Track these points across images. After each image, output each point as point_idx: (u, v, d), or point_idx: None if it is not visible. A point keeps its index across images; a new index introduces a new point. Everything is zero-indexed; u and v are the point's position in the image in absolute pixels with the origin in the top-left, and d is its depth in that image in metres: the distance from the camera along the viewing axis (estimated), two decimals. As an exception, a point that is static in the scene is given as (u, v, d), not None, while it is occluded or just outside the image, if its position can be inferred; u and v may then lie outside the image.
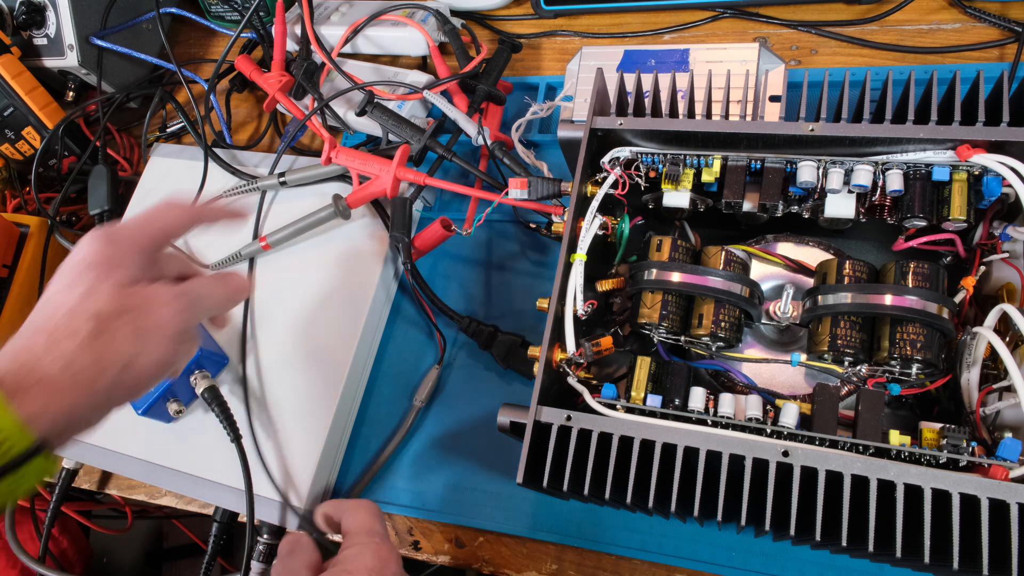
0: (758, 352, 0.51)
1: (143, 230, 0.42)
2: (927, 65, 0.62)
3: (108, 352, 0.37)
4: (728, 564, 0.50)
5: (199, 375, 0.59)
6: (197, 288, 0.42)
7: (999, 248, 0.45)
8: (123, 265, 0.39)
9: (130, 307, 0.38)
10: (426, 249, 0.63)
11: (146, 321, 0.38)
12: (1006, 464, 0.37)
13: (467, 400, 0.61)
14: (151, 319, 0.39)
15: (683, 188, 0.50)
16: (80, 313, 0.37)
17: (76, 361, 0.36)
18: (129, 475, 0.61)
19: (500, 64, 0.69)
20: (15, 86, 0.75)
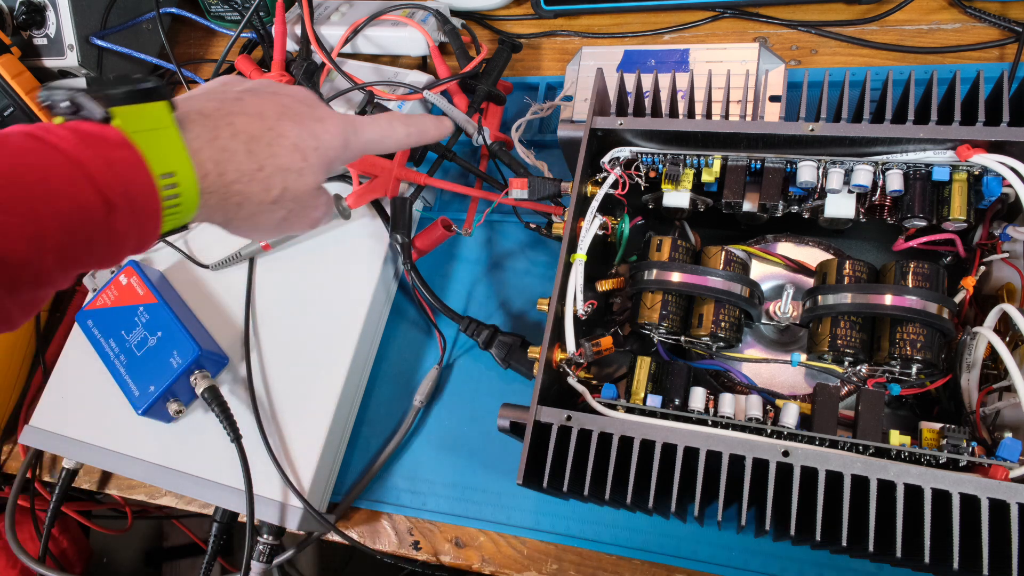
0: (758, 352, 0.51)
1: (371, 149, 0.47)
2: (927, 65, 0.62)
3: (262, 216, 0.41)
4: (728, 564, 0.50)
5: (199, 375, 0.59)
6: (329, 208, 0.48)
7: (999, 248, 0.45)
8: (332, 169, 0.44)
9: (301, 203, 0.43)
10: (426, 249, 0.63)
11: (295, 218, 0.44)
12: (1006, 464, 0.37)
13: (467, 400, 0.61)
14: (297, 219, 0.44)
15: (683, 188, 0.50)
16: (284, 179, 0.40)
17: (245, 207, 0.40)
18: (129, 475, 0.61)
19: (500, 64, 0.69)
20: (15, 86, 0.75)
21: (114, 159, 0.33)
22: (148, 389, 0.59)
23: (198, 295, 0.67)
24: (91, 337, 0.64)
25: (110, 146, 0.33)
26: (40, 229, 0.31)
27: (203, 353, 0.59)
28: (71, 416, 0.65)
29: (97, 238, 0.33)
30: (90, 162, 0.33)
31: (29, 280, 0.32)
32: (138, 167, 0.34)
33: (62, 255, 0.32)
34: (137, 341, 0.61)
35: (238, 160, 0.38)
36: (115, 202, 0.33)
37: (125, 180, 0.33)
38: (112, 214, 0.33)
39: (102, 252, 0.35)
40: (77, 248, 0.33)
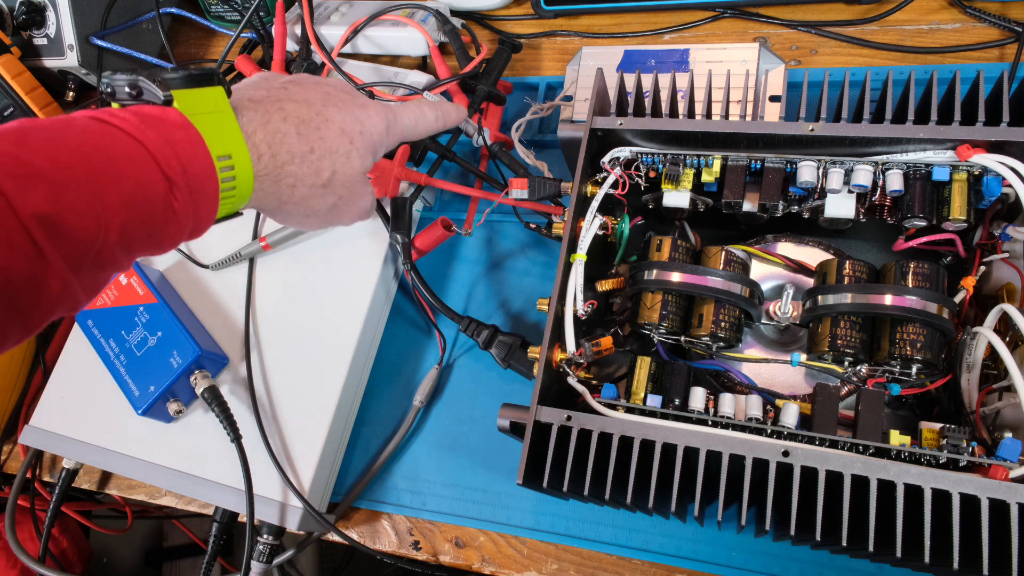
0: (758, 352, 0.51)
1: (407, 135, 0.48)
2: (927, 65, 0.62)
3: (313, 201, 0.43)
4: (728, 564, 0.50)
5: (199, 375, 0.59)
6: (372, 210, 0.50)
7: (999, 248, 0.45)
8: (377, 152, 0.46)
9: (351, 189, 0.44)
10: (426, 249, 0.63)
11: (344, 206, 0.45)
12: (1006, 464, 0.37)
13: (467, 400, 0.61)
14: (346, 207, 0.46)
15: (683, 188, 0.50)
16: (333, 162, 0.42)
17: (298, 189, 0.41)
18: (129, 475, 0.61)
19: (500, 64, 0.69)
20: (15, 86, 0.75)
21: (175, 139, 0.34)
22: (148, 389, 0.59)
23: (198, 295, 0.67)
24: (91, 337, 0.64)
25: (171, 127, 0.35)
26: (105, 205, 0.32)
27: (203, 353, 0.59)
28: (71, 416, 0.65)
29: (156, 217, 0.34)
30: (152, 141, 0.34)
31: (93, 258, 0.33)
32: (198, 147, 0.35)
33: (124, 233, 0.33)
34: (137, 341, 0.61)
35: (290, 142, 0.40)
36: (175, 180, 0.34)
37: (185, 160, 0.35)
38: (172, 192, 0.34)
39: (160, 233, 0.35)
40: (138, 227, 0.34)
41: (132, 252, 0.35)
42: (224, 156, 0.36)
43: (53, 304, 0.33)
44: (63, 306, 0.34)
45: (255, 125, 0.39)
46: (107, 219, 0.32)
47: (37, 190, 0.30)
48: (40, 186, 0.30)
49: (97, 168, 0.32)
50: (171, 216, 0.35)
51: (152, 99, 0.36)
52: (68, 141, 0.32)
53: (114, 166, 0.33)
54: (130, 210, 0.33)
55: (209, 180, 0.36)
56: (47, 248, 0.31)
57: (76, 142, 0.32)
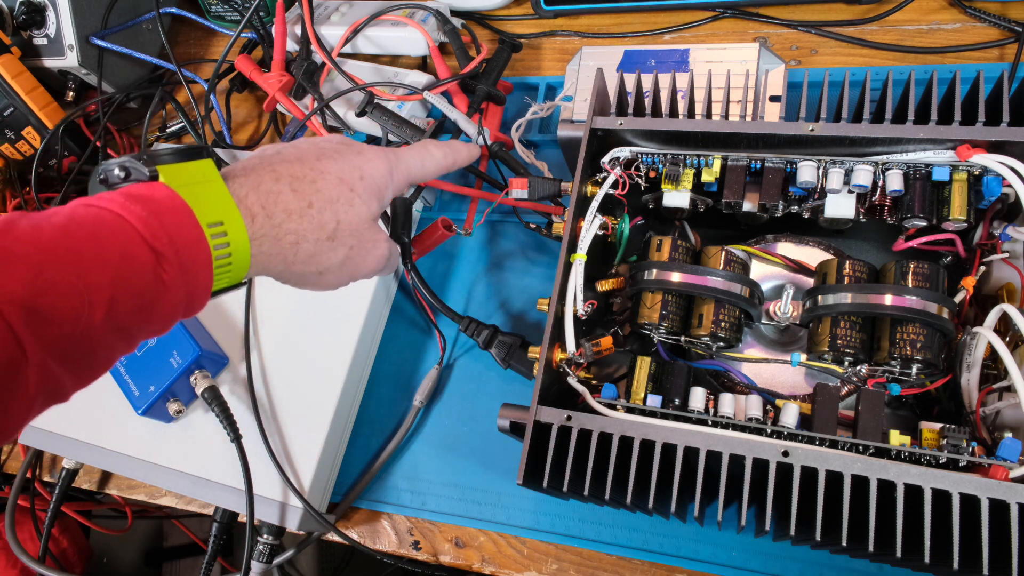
0: (758, 352, 0.51)
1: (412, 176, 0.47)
2: (927, 65, 0.62)
3: (323, 256, 0.41)
4: (728, 564, 0.50)
5: (199, 375, 0.59)
6: (392, 258, 0.48)
7: (999, 248, 0.45)
8: (382, 197, 0.44)
9: (361, 237, 0.43)
10: (426, 249, 0.63)
11: (358, 256, 0.43)
12: (1006, 464, 0.37)
13: (467, 400, 0.61)
14: (360, 256, 0.43)
15: (683, 188, 0.50)
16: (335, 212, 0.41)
17: (302, 246, 0.40)
18: (129, 475, 0.61)
19: (500, 64, 0.69)
20: (15, 86, 0.75)
21: (161, 211, 0.34)
22: (148, 389, 0.59)
23: (198, 295, 0.67)
24: (91, 337, 0.64)
25: (157, 200, 0.34)
26: (89, 283, 0.31)
27: (203, 353, 0.59)
28: (71, 416, 0.65)
29: (146, 291, 0.33)
30: (136, 215, 0.33)
31: (78, 340, 0.31)
32: (185, 216, 0.34)
33: (113, 310, 0.32)
34: (137, 341, 0.61)
35: (285, 199, 0.39)
36: (163, 251, 0.33)
37: (172, 230, 0.34)
38: (160, 264, 0.33)
39: (152, 308, 0.34)
40: (127, 302, 0.32)
41: (125, 332, 0.34)
42: (215, 223, 0.35)
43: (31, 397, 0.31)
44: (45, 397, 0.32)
45: (247, 189, 0.38)
46: (91, 296, 0.31)
47: (15, 274, 0.29)
48: (18, 269, 0.29)
49: (79, 246, 0.31)
50: (162, 289, 0.34)
51: (140, 178, 0.36)
52: (52, 225, 0.32)
53: (97, 243, 0.32)
54: (116, 286, 0.32)
55: (200, 249, 0.35)
56: (25, 337, 0.29)
57: (60, 225, 0.32)
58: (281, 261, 0.40)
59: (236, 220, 0.36)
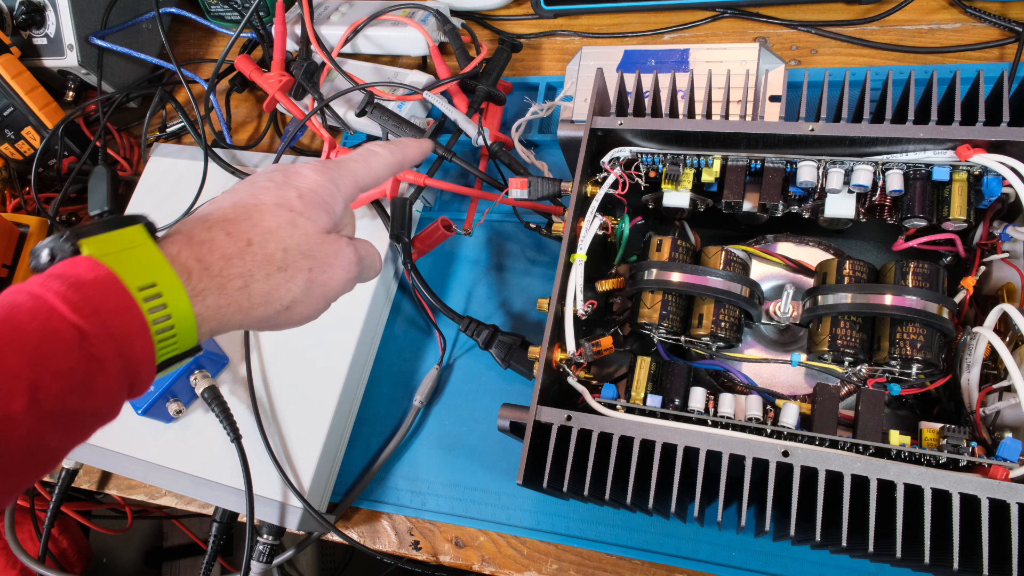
0: (758, 352, 0.51)
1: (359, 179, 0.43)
2: (927, 65, 0.62)
3: (280, 290, 0.37)
4: (728, 564, 0.50)
5: (199, 375, 0.59)
6: (367, 259, 0.43)
7: (999, 248, 0.45)
8: (330, 209, 0.40)
9: (316, 255, 0.39)
10: (426, 249, 0.63)
11: (321, 275, 0.39)
12: (1006, 464, 0.37)
13: (467, 400, 0.61)
14: (325, 275, 0.39)
15: (683, 188, 0.50)
16: (277, 240, 0.37)
17: (252, 286, 0.36)
18: (129, 475, 0.61)
19: (500, 64, 0.69)
20: (15, 86, 0.75)
21: (82, 283, 0.31)
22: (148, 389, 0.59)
23: (198, 295, 0.66)
24: (91, 337, 0.64)
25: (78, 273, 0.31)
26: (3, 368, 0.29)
27: (203, 353, 0.59)
28: (71, 416, 0.65)
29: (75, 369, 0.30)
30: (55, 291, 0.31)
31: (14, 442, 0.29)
32: (110, 284, 0.32)
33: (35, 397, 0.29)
34: (137, 341, 0.61)
35: (220, 245, 0.35)
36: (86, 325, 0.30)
37: (95, 300, 0.31)
38: (86, 338, 0.30)
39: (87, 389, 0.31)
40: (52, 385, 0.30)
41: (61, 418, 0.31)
42: (146, 286, 0.32)
43: None
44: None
45: (178, 246, 0.35)
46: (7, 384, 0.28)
47: None
48: None
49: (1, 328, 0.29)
50: (94, 366, 0.31)
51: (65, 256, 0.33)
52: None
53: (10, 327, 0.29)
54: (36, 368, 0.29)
55: (131, 316, 0.32)
56: None
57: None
58: (236, 311, 0.36)
59: (170, 279, 0.33)
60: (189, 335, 0.34)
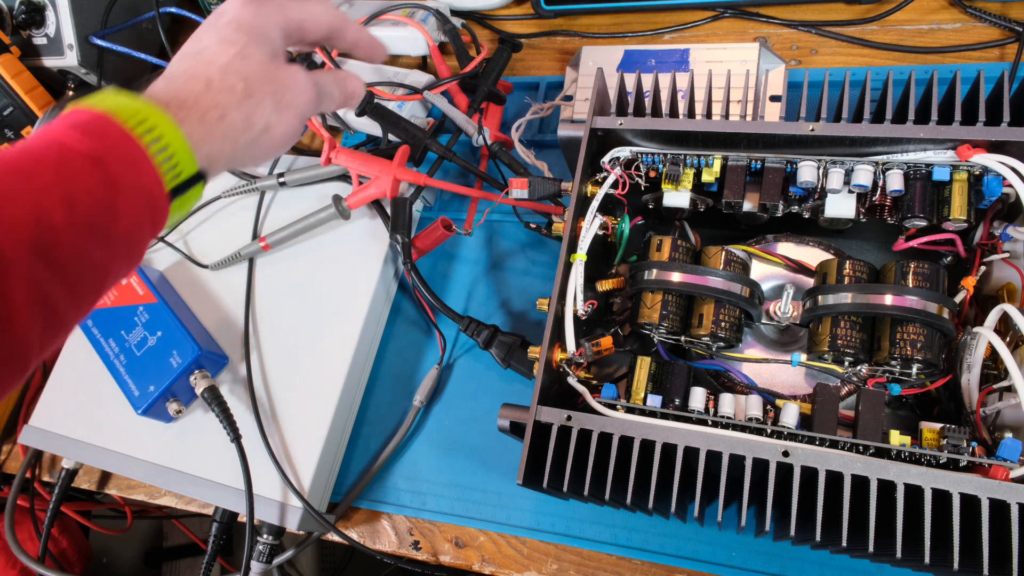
0: (758, 352, 0.51)
1: (288, 10, 0.44)
2: (927, 65, 0.62)
3: (255, 114, 0.41)
4: (728, 564, 0.50)
5: (199, 375, 0.59)
6: (326, 82, 0.46)
7: (999, 248, 0.45)
8: (269, 37, 0.42)
9: (273, 79, 0.42)
10: (426, 249, 0.63)
11: (285, 96, 0.42)
12: (1006, 464, 0.37)
13: (467, 400, 0.61)
14: (288, 96, 0.42)
15: (683, 188, 0.50)
16: (233, 72, 0.40)
17: (229, 115, 0.39)
18: (129, 475, 0.61)
19: (500, 64, 0.69)
20: (15, 86, 0.75)
21: (82, 123, 0.35)
22: (148, 389, 0.59)
23: (198, 295, 0.67)
24: (91, 337, 0.64)
25: (75, 118, 0.35)
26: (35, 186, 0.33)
27: (203, 353, 0.59)
28: (71, 416, 0.65)
29: (96, 188, 0.34)
30: (60, 131, 0.35)
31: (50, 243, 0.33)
32: (100, 119, 0.35)
33: (71, 209, 0.33)
34: (137, 341, 0.61)
35: (187, 88, 0.39)
36: (96, 153, 0.34)
37: (97, 133, 0.35)
38: (99, 163, 0.34)
39: (114, 208, 0.35)
40: (83, 199, 0.34)
41: (97, 236, 0.34)
42: (134, 119, 0.36)
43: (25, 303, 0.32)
44: (38, 307, 0.33)
45: (154, 90, 0.39)
46: (41, 201, 0.32)
47: None
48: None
49: (16, 162, 0.33)
50: (111, 187, 0.35)
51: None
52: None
53: (29, 159, 0.34)
54: (63, 187, 0.33)
55: (128, 142, 0.35)
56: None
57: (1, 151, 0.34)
58: (223, 140, 0.40)
59: (152, 112, 0.37)
60: (187, 159, 0.38)
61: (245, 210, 0.70)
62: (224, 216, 0.70)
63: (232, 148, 0.40)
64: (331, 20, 0.46)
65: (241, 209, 0.70)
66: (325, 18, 0.46)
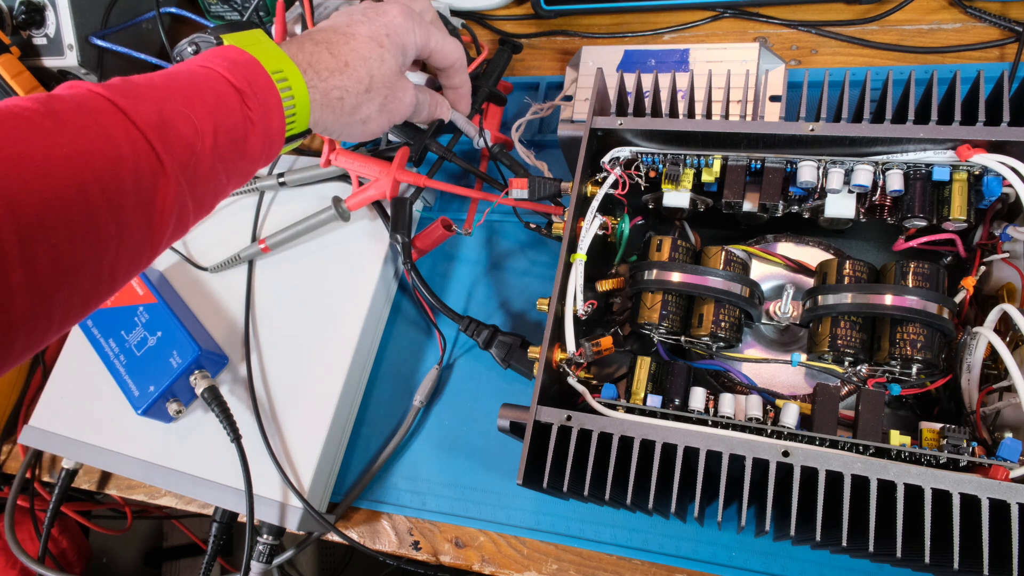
0: (758, 352, 0.51)
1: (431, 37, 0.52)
2: (927, 65, 0.62)
3: (364, 107, 0.49)
4: (728, 564, 0.50)
5: (199, 375, 0.59)
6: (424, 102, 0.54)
7: (999, 248, 0.45)
8: (407, 51, 0.51)
9: (391, 87, 0.50)
10: (426, 249, 0.63)
11: (391, 103, 0.50)
12: (1006, 464, 0.37)
13: (467, 400, 0.61)
14: (393, 103, 0.51)
15: (683, 188, 0.50)
16: (369, 68, 0.48)
17: (347, 99, 0.47)
18: (129, 475, 0.61)
19: (501, 64, 0.69)
20: (14, 86, 0.75)
21: (237, 62, 0.42)
22: (148, 389, 0.59)
23: (198, 295, 0.67)
24: (91, 337, 0.64)
25: (232, 56, 0.42)
26: (197, 114, 0.39)
27: (203, 353, 0.59)
28: (71, 416, 0.65)
29: (237, 125, 0.40)
30: (219, 65, 0.41)
31: (195, 165, 0.39)
32: (255, 66, 0.42)
33: (217, 140, 0.39)
34: (137, 341, 0.61)
35: (325, 59, 0.46)
36: (245, 91, 0.41)
37: (249, 76, 0.41)
38: (245, 103, 0.41)
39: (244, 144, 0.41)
40: (225, 135, 0.40)
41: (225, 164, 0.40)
42: (277, 71, 0.43)
43: (170, 210, 0.38)
44: (175, 221, 0.39)
45: (293, 51, 0.45)
46: (200, 126, 0.38)
47: (146, 104, 0.37)
48: (147, 103, 0.37)
49: (184, 88, 0.39)
50: (249, 125, 0.41)
51: (209, 46, 0.44)
52: (159, 76, 0.40)
53: (195, 85, 0.40)
54: (216, 118, 0.39)
55: (271, 92, 0.42)
56: (162, 152, 0.37)
57: (165, 75, 0.40)
58: (331, 114, 0.47)
59: (293, 70, 0.43)
60: (304, 119, 0.45)
61: (245, 210, 0.70)
62: (224, 216, 0.70)
63: (335, 123, 0.48)
64: (455, 60, 0.55)
65: (241, 209, 0.70)
66: (453, 56, 0.54)
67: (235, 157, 0.41)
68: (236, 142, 0.41)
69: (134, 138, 0.36)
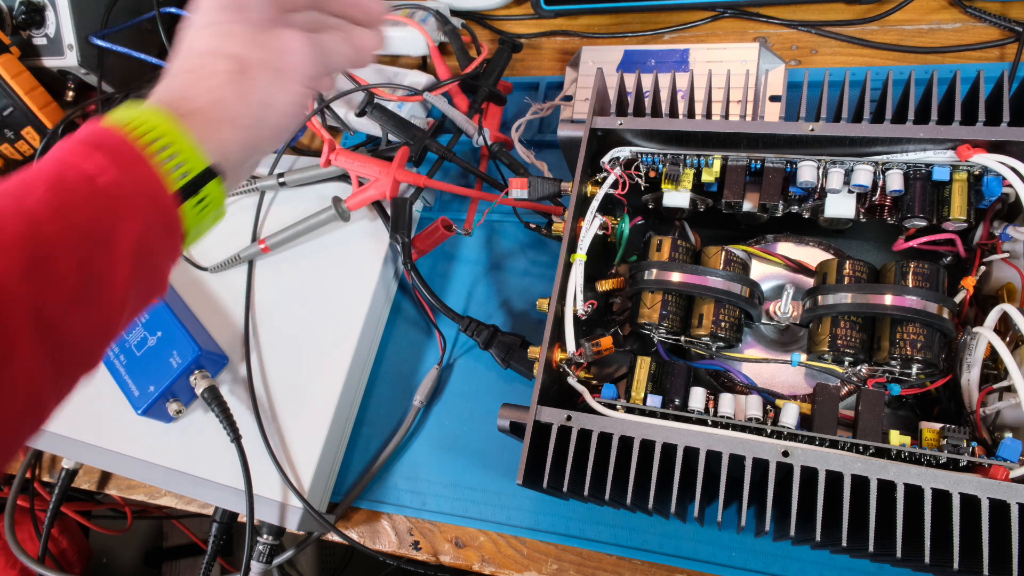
0: (758, 352, 0.51)
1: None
2: (927, 65, 0.62)
3: (250, 90, 0.38)
4: (728, 564, 0.50)
5: (199, 375, 0.59)
6: (328, 39, 0.42)
7: (999, 248, 0.45)
8: (250, 7, 0.39)
9: (265, 48, 0.39)
10: (426, 249, 0.63)
11: (281, 64, 0.39)
12: (1006, 464, 0.37)
13: (467, 400, 0.61)
14: (285, 63, 0.39)
15: (683, 188, 0.50)
16: (218, 52, 0.38)
17: (222, 96, 0.37)
18: (129, 475, 0.61)
19: (501, 64, 0.69)
20: (14, 86, 0.75)
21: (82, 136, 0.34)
22: (148, 389, 0.59)
23: (198, 295, 0.67)
24: (91, 337, 0.64)
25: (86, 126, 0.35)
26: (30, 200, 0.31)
27: (203, 353, 0.59)
28: (71, 416, 0.65)
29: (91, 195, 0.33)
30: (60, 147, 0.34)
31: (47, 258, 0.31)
32: (93, 124, 0.35)
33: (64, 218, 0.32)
34: (137, 341, 0.61)
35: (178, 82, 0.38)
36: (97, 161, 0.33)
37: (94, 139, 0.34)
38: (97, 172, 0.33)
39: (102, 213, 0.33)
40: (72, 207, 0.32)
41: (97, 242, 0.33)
42: (132, 123, 0.35)
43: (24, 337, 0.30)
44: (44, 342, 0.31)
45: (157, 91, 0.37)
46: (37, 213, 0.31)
47: None
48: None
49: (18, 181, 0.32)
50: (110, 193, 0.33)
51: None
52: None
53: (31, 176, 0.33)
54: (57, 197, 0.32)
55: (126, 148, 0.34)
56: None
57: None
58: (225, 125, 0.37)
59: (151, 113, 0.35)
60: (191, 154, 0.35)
61: (245, 210, 0.70)
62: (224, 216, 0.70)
63: (240, 132, 0.38)
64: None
65: (241, 209, 0.70)
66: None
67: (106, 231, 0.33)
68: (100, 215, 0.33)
69: None
